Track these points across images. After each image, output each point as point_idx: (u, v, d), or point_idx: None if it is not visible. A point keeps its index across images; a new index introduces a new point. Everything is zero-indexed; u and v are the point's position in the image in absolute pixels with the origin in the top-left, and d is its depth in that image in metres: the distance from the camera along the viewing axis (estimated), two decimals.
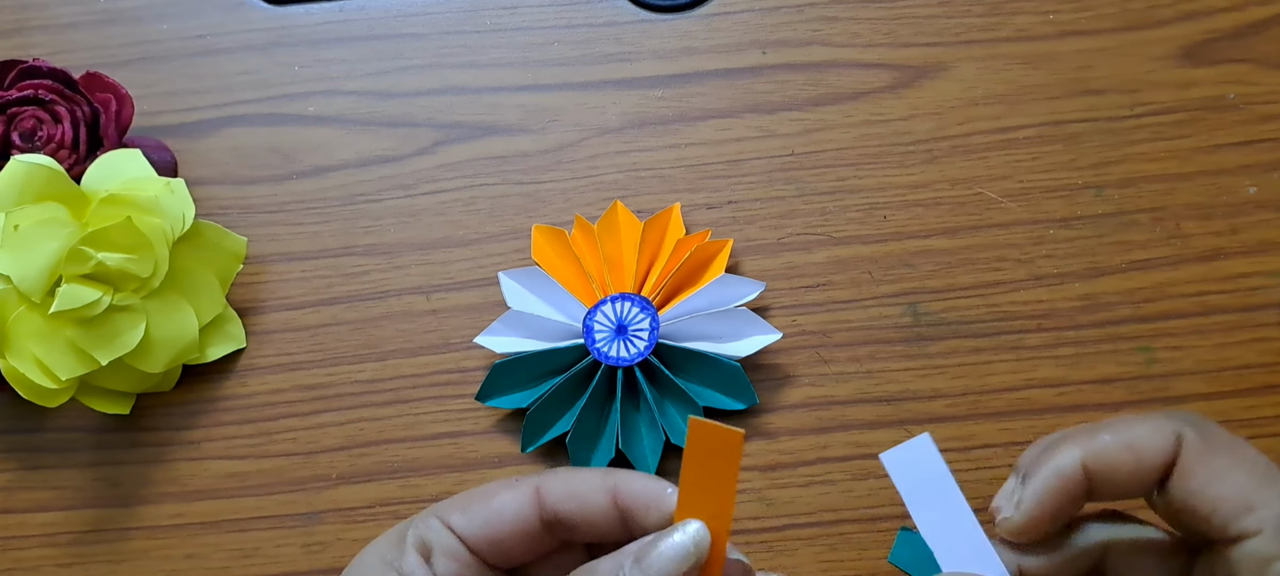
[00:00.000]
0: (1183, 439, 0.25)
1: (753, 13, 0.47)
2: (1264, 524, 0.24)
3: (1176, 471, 0.25)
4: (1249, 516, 0.24)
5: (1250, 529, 0.24)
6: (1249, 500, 0.25)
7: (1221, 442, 0.26)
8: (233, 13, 0.49)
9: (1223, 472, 0.25)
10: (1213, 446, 0.25)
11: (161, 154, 0.46)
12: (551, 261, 0.43)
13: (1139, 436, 0.26)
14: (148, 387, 0.43)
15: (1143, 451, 0.26)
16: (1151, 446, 0.26)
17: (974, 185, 0.45)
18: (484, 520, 0.27)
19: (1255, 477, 0.25)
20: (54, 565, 0.42)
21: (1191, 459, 0.25)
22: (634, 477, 0.27)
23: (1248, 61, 0.46)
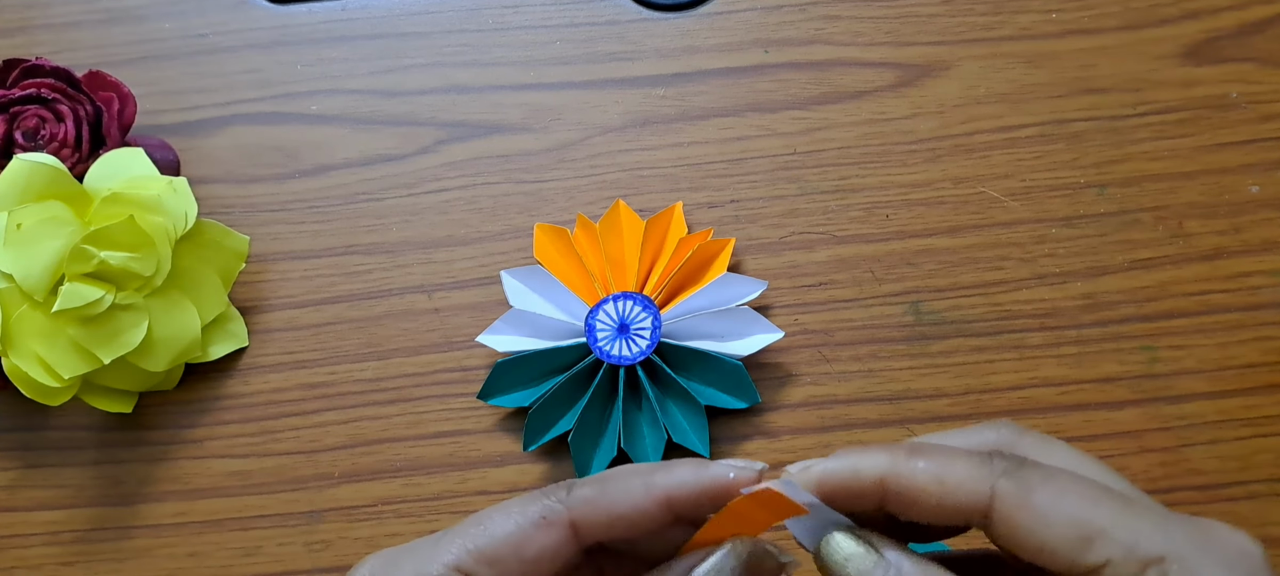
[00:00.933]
0: (997, 489, 0.24)
1: (755, 11, 0.47)
2: (1109, 550, 0.23)
3: (996, 521, 0.24)
4: (1091, 548, 0.23)
5: (1098, 561, 0.23)
6: (1084, 531, 0.23)
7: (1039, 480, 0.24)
8: (235, 11, 0.49)
9: (1047, 512, 0.23)
10: (1030, 487, 0.24)
11: (164, 153, 0.46)
12: (554, 260, 0.43)
13: (950, 471, 0.24)
14: (150, 386, 0.43)
15: (950, 487, 0.24)
16: (961, 485, 0.24)
17: (976, 184, 0.45)
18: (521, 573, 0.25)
19: (1083, 503, 0.23)
20: (57, 563, 0.42)
21: (1010, 506, 0.24)
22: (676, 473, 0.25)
23: (1250, 60, 0.46)
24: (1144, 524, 0.23)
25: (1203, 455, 0.41)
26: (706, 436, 0.40)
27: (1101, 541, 0.23)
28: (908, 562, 0.24)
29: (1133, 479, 0.42)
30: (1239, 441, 0.41)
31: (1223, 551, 0.23)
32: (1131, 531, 0.22)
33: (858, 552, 0.24)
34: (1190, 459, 0.41)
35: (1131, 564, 0.22)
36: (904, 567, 0.24)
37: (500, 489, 0.42)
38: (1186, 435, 0.42)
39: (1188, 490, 0.41)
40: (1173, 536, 0.22)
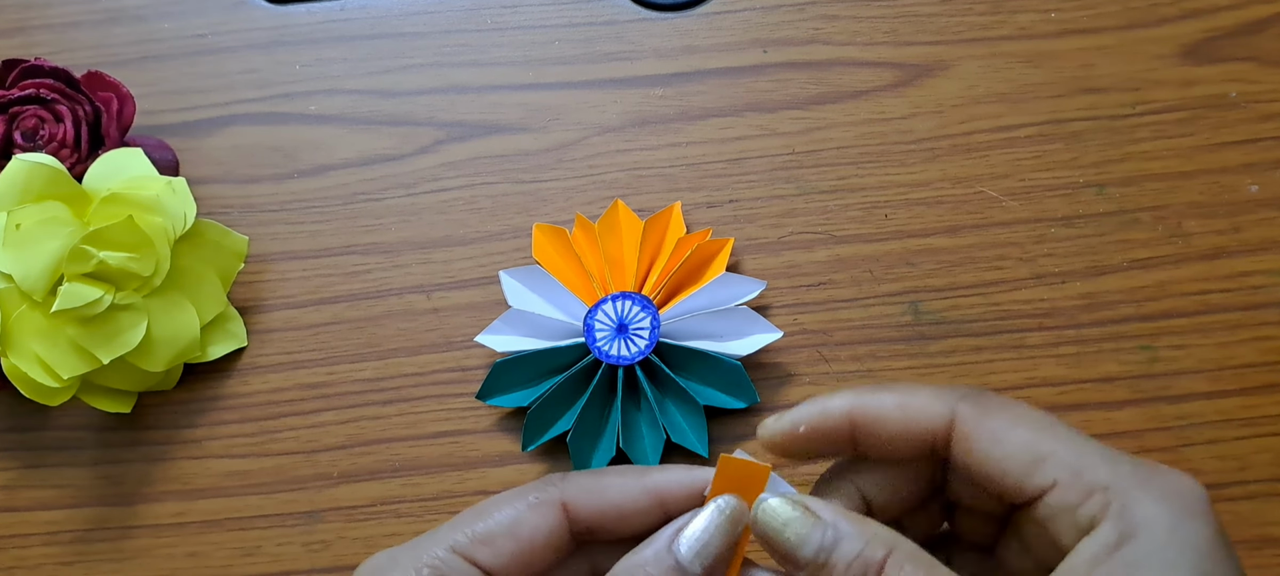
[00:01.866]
0: (957, 410, 0.25)
1: (754, 11, 0.47)
2: (1057, 472, 0.24)
3: (955, 441, 0.25)
4: (1040, 470, 0.24)
5: (1045, 482, 0.24)
6: (1035, 453, 0.24)
7: (996, 405, 0.25)
8: (234, 12, 0.49)
9: (1001, 433, 0.25)
10: (989, 412, 0.25)
11: (163, 153, 0.46)
12: (552, 260, 0.43)
13: (913, 398, 0.26)
14: (149, 386, 0.43)
15: (913, 414, 0.25)
16: (923, 411, 0.25)
17: (975, 184, 0.45)
18: (513, 553, 0.26)
19: (1036, 430, 0.24)
20: (56, 563, 0.42)
21: (968, 426, 0.25)
22: (671, 474, 0.26)
23: (1250, 60, 0.46)
24: (1092, 455, 0.24)
25: (1202, 455, 0.41)
26: (705, 436, 0.40)
27: (1050, 463, 0.24)
28: (845, 521, 0.24)
29: None
30: (1238, 441, 0.41)
31: (1165, 488, 0.23)
32: (1079, 458, 0.24)
33: (795, 516, 0.25)
34: (1189, 459, 0.41)
35: (1076, 488, 0.23)
36: (841, 526, 0.24)
37: (499, 489, 0.41)
38: (1186, 435, 0.42)
39: None
40: (1119, 470, 0.23)
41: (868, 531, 0.24)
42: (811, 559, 0.24)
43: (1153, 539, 0.23)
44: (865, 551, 0.24)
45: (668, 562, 0.24)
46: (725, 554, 0.25)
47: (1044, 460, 0.24)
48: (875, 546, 0.24)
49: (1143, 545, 0.22)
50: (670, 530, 0.25)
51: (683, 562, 0.24)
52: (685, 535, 0.25)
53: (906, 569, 0.24)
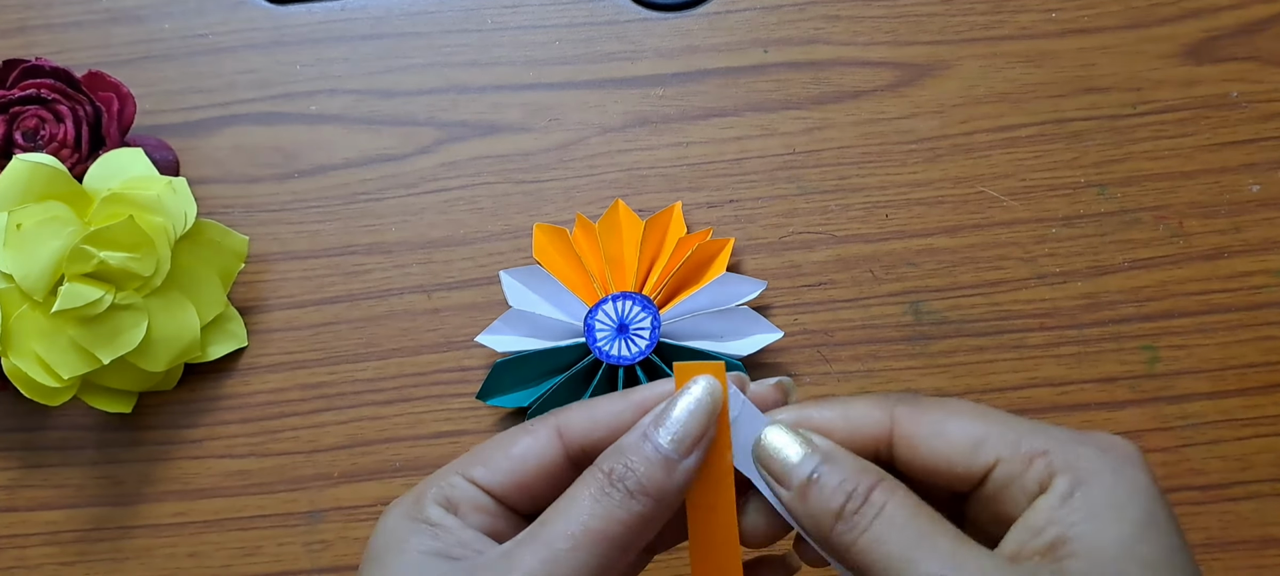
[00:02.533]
0: (895, 413, 0.27)
1: (754, 11, 0.47)
2: (998, 449, 0.25)
3: (897, 441, 0.27)
4: (982, 450, 0.25)
5: (989, 460, 0.25)
6: (974, 437, 0.26)
7: (931, 402, 0.27)
8: (235, 12, 0.49)
9: (941, 426, 0.26)
10: (926, 408, 0.27)
11: (163, 153, 0.46)
12: (553, 260, 0.43)
13: (855, 409, 0.27)
14: (150, 386, 0.43)
15: (856, 423, 0.27)
16: (865, 418, 0.27)
17: (976, 184, 0.45)
18: (508, 470, 0.27)
19: (973, 417, 0.26)
20: (56, 563, 0.42)
21: (908, 425, 0.26)
22: (653, 387, 0.27)
23: (1251, 59, 0.46)
24: (1025, 427, 0.26)
25: (1203, 455, 0.41)
26: None
27: (990, 442, 0.25)
28: (839, 451, 0.26)
29: None
30: (1240, 441, 0.41)
31: (1101, 443, 0.25)
32: (1015, 432, 0.25)
33: (792, 440, 0.26)
34: (1191, 459, 0.41)
35: (1018, 459, 0.25)
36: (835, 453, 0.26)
37: None
38: (1187, 435, 0.41)
39: (1189, 490, 0.41)
40: (1054, 435, 0.25)
41: (859, 462, 0.26)
42: (805, 479, 0.26)
43: (1101, 483, 0.24)
44: (856, 475, 0.25)
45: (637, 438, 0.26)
46: (698, 433, 0.26)
47: (984, 441, 0.26)
48: (866, 473, 0.26)
49: (1094, 490, 0.24)
50: (650, 415, 0.26)
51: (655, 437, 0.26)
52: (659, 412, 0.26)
53: (898, 493, 0.25)
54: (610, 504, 0.25)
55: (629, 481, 0.25)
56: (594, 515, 0.25)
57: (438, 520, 0.26)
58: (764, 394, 0.28)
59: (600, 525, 0.25)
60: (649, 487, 0.25)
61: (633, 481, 0.25)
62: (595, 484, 0.25)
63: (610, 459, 0.26)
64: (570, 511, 0.25)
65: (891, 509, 0.25)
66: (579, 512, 0.25)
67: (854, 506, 0.25)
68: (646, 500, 0.25)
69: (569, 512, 0.25)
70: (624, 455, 0.26)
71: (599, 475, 0.26)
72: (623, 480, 0.25)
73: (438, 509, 0.26)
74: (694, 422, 0.26)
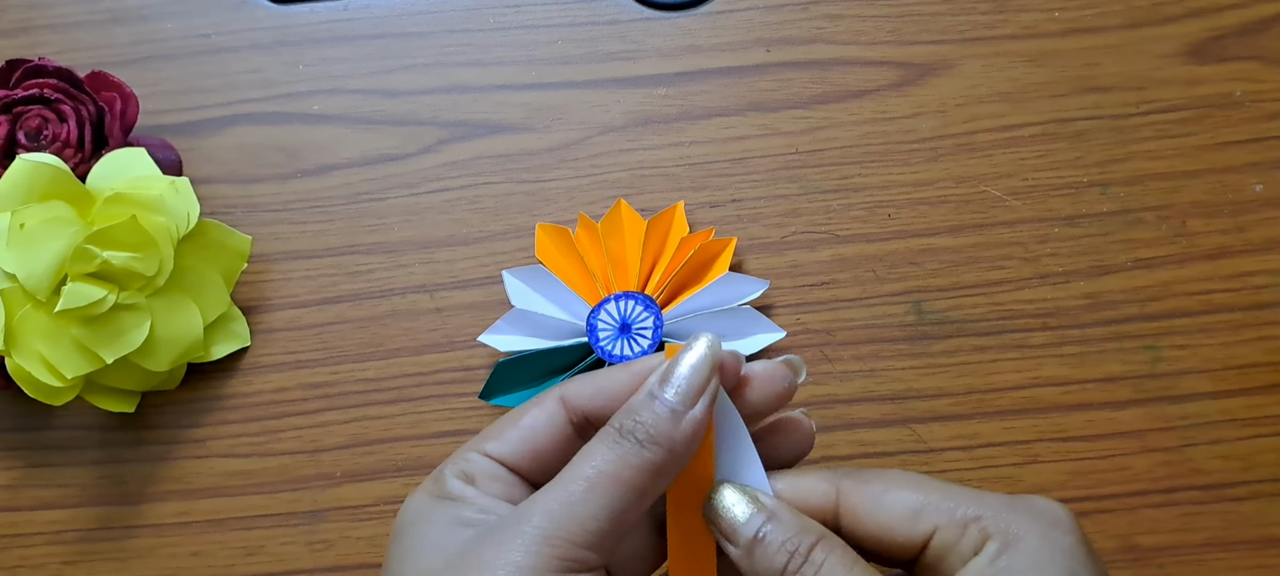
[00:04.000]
0: (840, 487, 0.28)
1: (757, 11, 0.47)
2: (935, 518, 0.27)
3: (842, 514, 0.28)
4: (919, 520, 0.27)
5: (926, 529, 0.27)
6: (911, 507, 0.27)
7: (873, 475, 0.28)
8: (237, 12, 0.49)
9: (880, 497, 0.28)
10: (865, 480, 0.28)
11: (166, 153, 0.46)
12: (555, 260, 0.43)
13: (802, 483, 0.29)
14: (153, 386, 0.43)
15: (804, 495, 0.28)
16: (811, 492, 0.28)
17: (978, 183, 0.45)
18: (519, 441, 0.28)
19: (912, 488, 0.28)
20: (59, 562, 0.42)
21: (851, 496, 0.28)
22: (651, 359, 0.28)
23: (1254, 59, 0.45)
24: (961, 496, 0.27)
25: (1206, 455, 0.41)
26: None
27: (927, 512, 0.27)
28: (784, 509, 0.28)
29: (1135, 479, 0.42)
30: (1242, 441, 0.41)
31: (1032, 509, 0.27)
32: (951, 500, 0.27)
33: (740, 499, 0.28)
34: (1193, 459, 0.41)
35: (954, 526, 0.27)
36: (780, 512, 0.27)
37: None
38: (1189, 435, 0.41)
39: (1191, 490, 0.41)
40: (987, 502, 0.27)
41: (802, 521, 0.27)
42: (748, 537, 0.27)
43: (1028, 544, 0.26)
44: (797, 535, 0.27)
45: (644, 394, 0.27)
46: (701, 384, 0.27)
47: (922, 510, 0.27)
48: (807, 532, 0.27)
49: (1019, 551, 0.26)
50: (655, 375, 0.27)
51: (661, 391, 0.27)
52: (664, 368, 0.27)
53: (836, 551, 0.26)
54: (622, 450, 0.26)
55: (639, 432, 0.26)
56: (608, 460, 0.26)
57: (458, 493, 0.27)
58: (773, 371, 0.29)
59: (613, 469, 0.26)
60: (658, 437, 0.26)
61: (642, 432, 0.26)
62: (608, 436, 0.26)
63: (621, 417, 0.27)
64: (585, 460, 0.26)
65: (829, 566, 0.26)
66: (594, 460, 0.26)
67: (795, 565, 0.26)
68: (657, 449, 0.26)
69: (584, 461, 0.26)
70: (633, 412, 0.27)
71: (610, 430, 0.27)
72: (632, 432, 0.26)
73: (458, 482, 0.27)
74: (697, 375, 0.27)
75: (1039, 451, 0.42)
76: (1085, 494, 0.41)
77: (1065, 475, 0.41)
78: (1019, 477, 0.41)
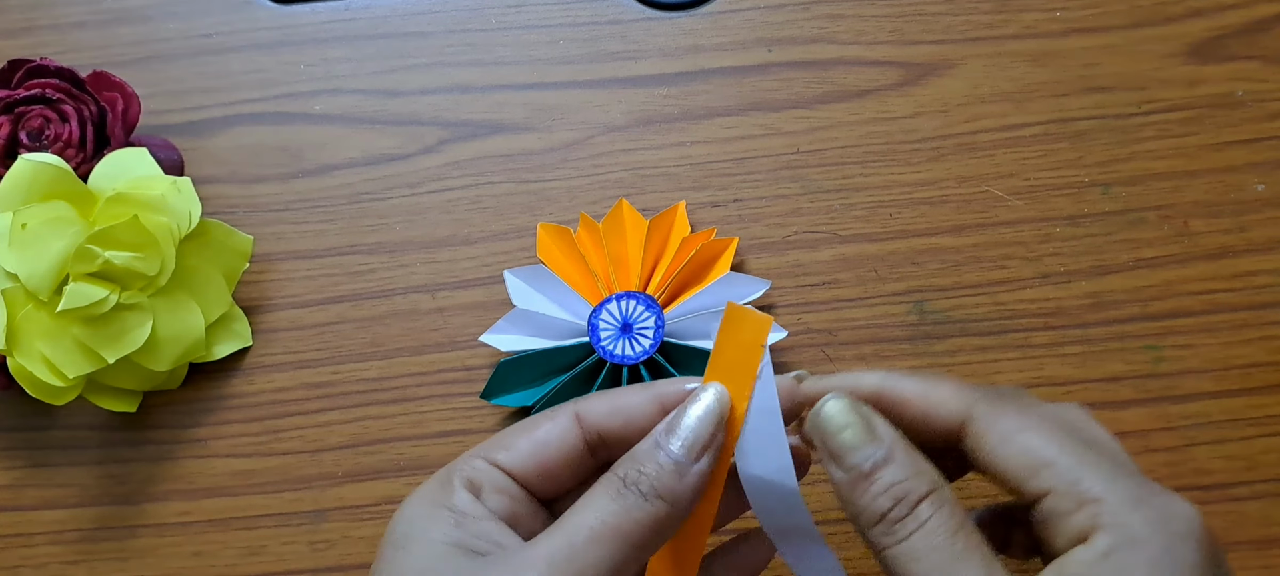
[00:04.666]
0: (973, 409, 0.27)
1: (758, 10, 0.47)
2: (1053, 481, 0.25)
3: (968, 437, 0.27)
4: (1038, 476, 0.25)
5: (1041, 489, 0.25)
6: (1036, 459, 0.25)
7: (1012, 408, 0.27)
8: (239, 12, 0.49)
9: (1010, 436, 0.26)
10: (1002, 413, 0.27)
11: (168, 152, 0.46)
12: (557, 260, 0.43)
13: (936, 389, 0.27)
14: (154, 386, 0.43)
15: (934, 401, 0.27)
16: (944, 401, 0.27)
17: (980, 183, 0.45)
18: (529, 453, 0.28)
19: (1043, 437, 0.26)
20: (61, 562, 0.42)
21: (981, 425, 0.26)
22: (673, 382, 0.28)
23: (1256, 59, 0.45)
24: (1091, 470, 0.25)
25: (1208, 454, 0.41)
26: None
27: (1048, 472, 0.25)
28: (901, 448, 0.26)
29: None
30: (1244, 441, 0.41)
31: (1161, 509, 0.24)
32: (1078, 470, 0.25)
33: (854, 422, 0.26)
34: (1196, 458, 0.41)
35: (1070, 498, 0.25)
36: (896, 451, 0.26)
37: None
38: (1192, 435, 0.41)
39: (1194, 490, 0.41)
40: (1116, 487, 0.24)
41: (917, 465, 0.26)
42: (857, 467, 0.26)
43: (1145, 554, 0.24)
44: (910, 481, 0.25)
45: (650, 445, 0.27)
46: (707, 438, 0.27)
47: (1043, 468, 0.25)
48: (920, 480, 0.25)
49: (1137, 557, 0.24)
50: (662, 423, 0.27)
51: (667, 444, 0.26)
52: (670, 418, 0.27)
53: (945, 510, 0.25)
54: (626, 503, 0.26)
55: (643, 485, 0.26)
56: (611, 512, 0.26)
57: (462, 506, 0.27)
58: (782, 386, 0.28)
59: (616, 521, 0.25)
60: (662, 491, 0.26)
61: (646, 485, 0.26)
62: (612, 486, 0.26)
63: (625, 465, 0.26)
64: (588, 508, 0.26)
65: (933, 525, 0.25)
66: (597, 509, 0.26)
67: (899, 514, 0.25)
68: (660, 503, 0.26)
69: (587, 509, 0.26)
70: (638, 461, 0.26)
71: (614, 479, 0.26)
72: (636, 483, 0.26)
73: (463, 493, 0.27)
74: (704, 429, 0.27)
75: None
76: None
77: None
78: None
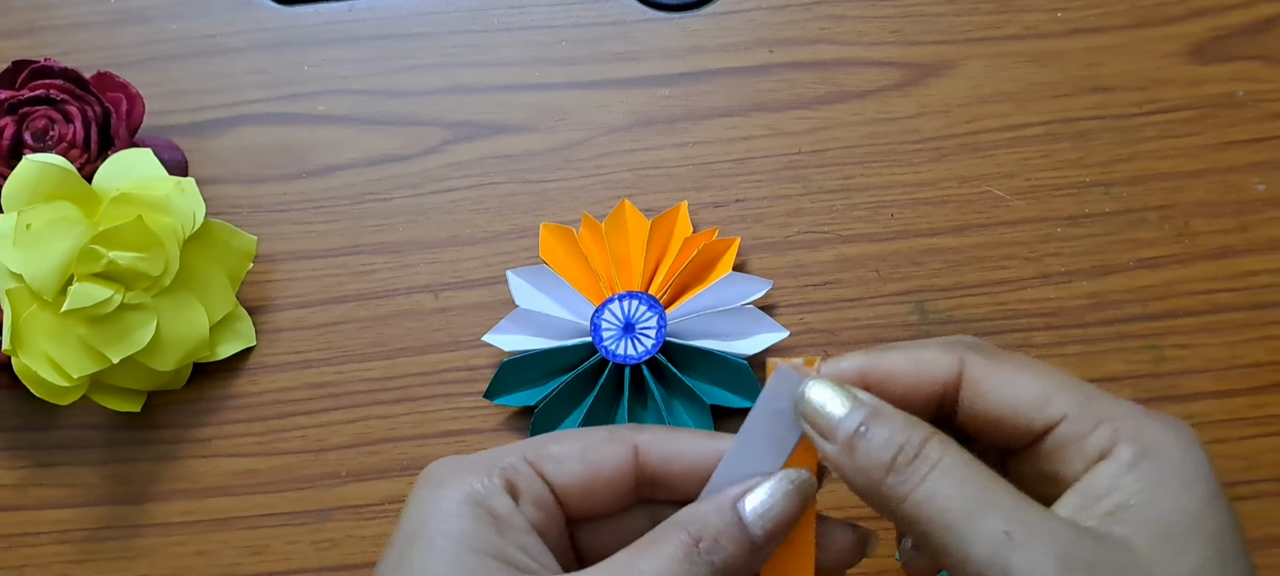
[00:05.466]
0: (965, 359, 0.26)
1: (760, 11, 0.47)
2: (1066, 407, 0.25)
3: (965, 386, 0.26)
4: (1050, 405, 0.25)
5: (1055, 415, 0.25)
6: (1043, 391, 0.25)
7: (1002, 354, 0.27)
8: (242, 12, 0.49)
9: (1011, 377, 0.26)
10: (997, 359, 0.26)
11: (172, 153, 0.46)
12: (559, 260, 0.43)
13: (924, 354, 0.27)
14: (159, 385, 0.43)
15: (925, 365, 0.27)
16: (935, 363, 0.27)
17: (982, 183, 0.45)
18: (579, 472, 0.27)
19: (1043, 376, 0.26)
20: (66, 562, 0.43)
21: (977, 371, 0.26)
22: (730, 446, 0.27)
23: (1257, 59, 0.46)
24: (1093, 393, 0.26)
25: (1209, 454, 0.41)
26: None
27: (1059, 399, 0.25)
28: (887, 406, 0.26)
29: None
30: (1245, 440, 0.41)
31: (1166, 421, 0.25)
32: (1085, 395, 0.25)
33: (837, 394, 0.26)
34: None
35: (1085, 419, 0.25)
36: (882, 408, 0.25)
37: None
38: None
39: None
40: (1122, 406, 0.25)
41: (908, 417, 0.25)
42: (847, 431, 0.25)
43: (1170, 457, 0.24)
44: (906, 429, 0.25)
45: (730, 517, 0.25)
46: (788, 522, 0.26)
47: (1053, 397, 0.25)
48: (916, 427, 0.25)
49: (1161, 462, 0.24)
50: (737, 488, 0.26)
51: (747, 520, 0.25)
52: (752, 495, 0.26)
53: (952, 447, 0.24)
54: (695, 570, 0.24)
55: (716, 557, 0.25)
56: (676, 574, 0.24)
57: (501, 511, 0.25)
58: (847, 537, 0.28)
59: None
60: (732, 566, 0.25)
61: (719, 558, 0.25)
62: (680, 548, 0.25)
63: (695, 525, 0.25)
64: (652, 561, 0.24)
65: (947, 463, 0.24)
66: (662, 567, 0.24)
67: (906, 458, 0.24)
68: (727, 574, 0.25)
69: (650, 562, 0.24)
70: (711, 527, 0.25)
71: (685, 538, 0.25)
72: (710, 554, 0.25)
73: (505, 497, 0.25)
74: (789, 509, 0.26)
75: None
76: None
77: None
78: None
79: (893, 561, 0.40)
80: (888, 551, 0.40)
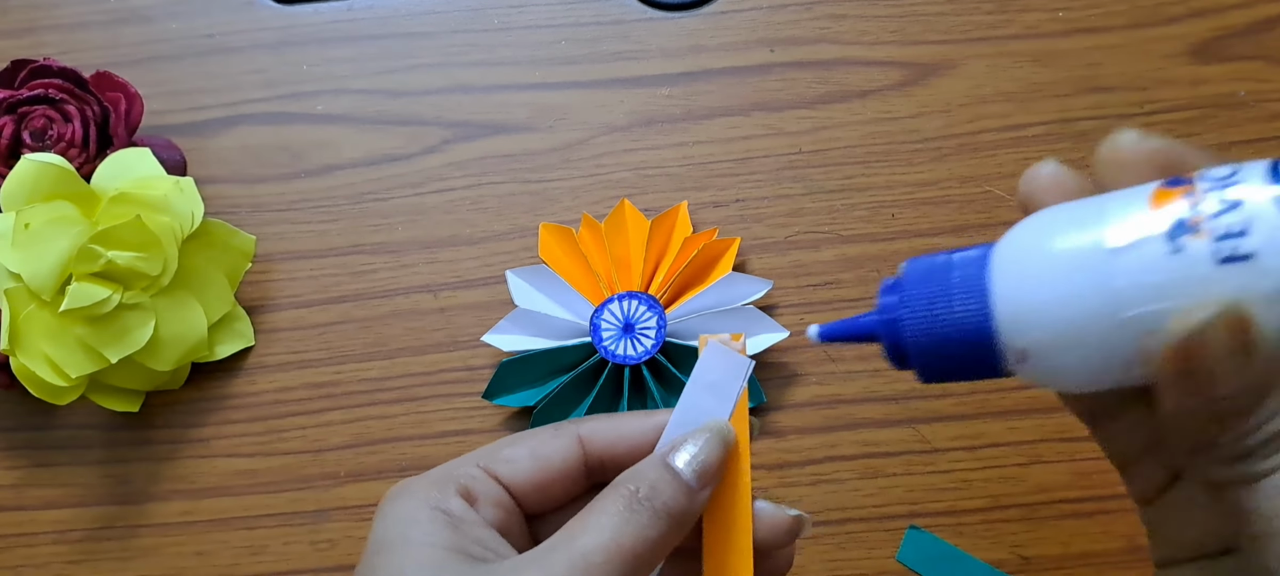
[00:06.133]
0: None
1: (760, 11, 0.47)
2: None
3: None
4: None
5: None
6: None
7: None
8: (241, 12, 0.49)
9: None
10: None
11: (170, 153, 0.46)
12: (559, 260, 0.43)
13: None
14: (157, 385, 0.43)
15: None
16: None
17: (982, 183, 0.45)
18: (530, 470, 0.28)
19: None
20: (64, 562, 0.43)
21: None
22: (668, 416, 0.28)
23: (1258, 59, 0.45)
24: None
25: None
26: None
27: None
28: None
29: None
30: None
31: None
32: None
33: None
34: None
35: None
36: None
37: None
38: None
39: None
40: None
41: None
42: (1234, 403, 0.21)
43: None
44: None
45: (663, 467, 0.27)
46: (716, 466, 0.27)
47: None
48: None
49: None
50: (665, 445, 0.27)
51: (678, 467, 0.27)
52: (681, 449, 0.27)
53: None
54: (639, 522, 0.26)
55: (655, 502, 0.26)
56: (624, 532, 0.25)
57: (458, 513, 0.26)
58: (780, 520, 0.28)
59: (629, 542, 0.25)
60: (673, 509, 0.26)
61: (659, 502, 0.26)
62: (622, 501, 0.26)
63: (632, 481, 0.26)
64: (600, 526, 0.25)
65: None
66: (610, 528, 0.25)
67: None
68: (670, 521, 0.26)
69: (599, 527, 0.25)
70: (646, 479, 0.26)
71: (625, 492, 0.26)
72: (649, 500, 0.26)
73: (458, 500, 0.27)
74: (713, 457, 0.27)
75: (1043, 452, 0.41)
76: (1089, 494, 0.41)
77: (1069, 475, 0.41)
78: (1023, 478, 0.41)
79: (893, 561, 0.40)
80: (888, 551, 0.40)
